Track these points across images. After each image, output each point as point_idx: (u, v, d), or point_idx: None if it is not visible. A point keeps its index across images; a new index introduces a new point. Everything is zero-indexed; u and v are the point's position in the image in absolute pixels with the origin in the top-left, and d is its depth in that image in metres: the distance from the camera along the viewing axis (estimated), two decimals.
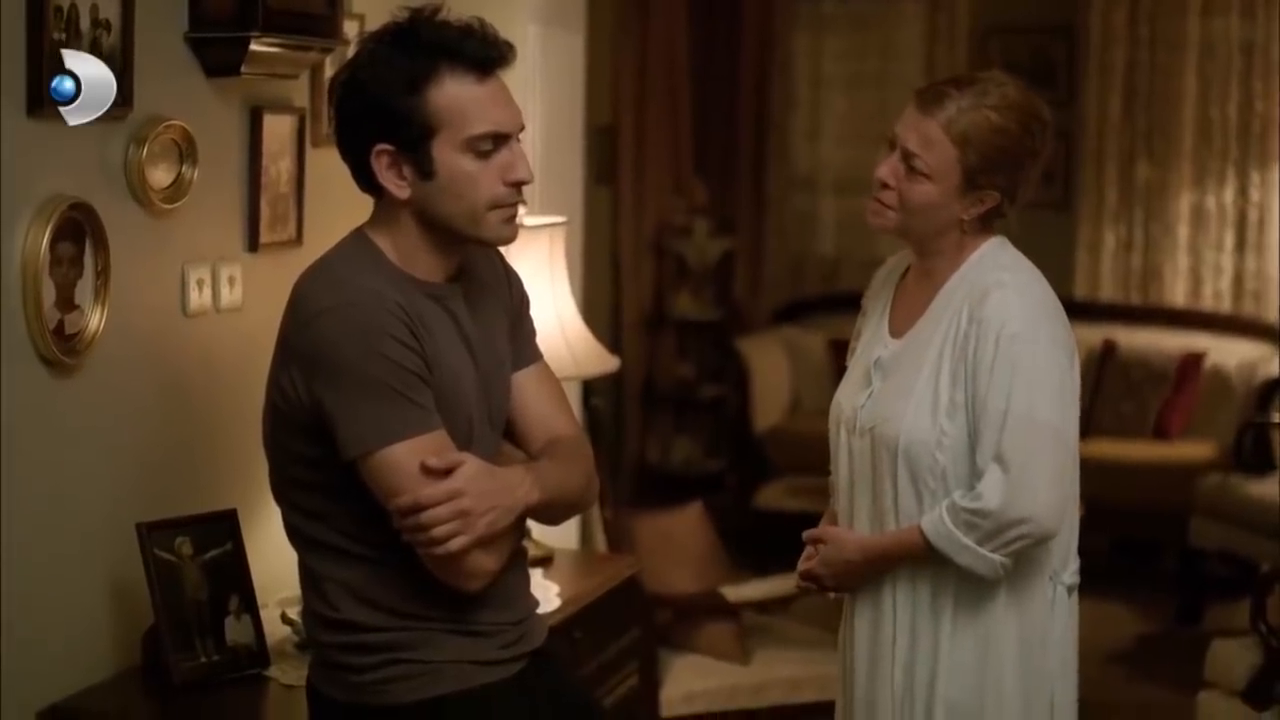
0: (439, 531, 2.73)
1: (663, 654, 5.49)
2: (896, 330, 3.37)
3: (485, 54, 2.83)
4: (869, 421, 3.29)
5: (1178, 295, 9.16)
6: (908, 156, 3.22)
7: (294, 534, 2.98)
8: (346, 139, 2.89)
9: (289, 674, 3.79)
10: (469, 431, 2.90)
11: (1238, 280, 9.00)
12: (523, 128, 2.91)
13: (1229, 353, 8.52)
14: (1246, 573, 7.26)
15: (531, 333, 3.14)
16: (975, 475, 3.14)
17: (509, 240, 2.92)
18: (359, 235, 2.94)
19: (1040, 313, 3.20)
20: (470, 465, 2.78)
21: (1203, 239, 9.10)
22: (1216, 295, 9.05)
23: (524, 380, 3.08)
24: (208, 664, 3.72)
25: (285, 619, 3.97)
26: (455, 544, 2.75)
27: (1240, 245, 8.99)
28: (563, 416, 3.10)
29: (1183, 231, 9.13)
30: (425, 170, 2.83)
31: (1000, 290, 3.17)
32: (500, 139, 2.84)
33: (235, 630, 3.78)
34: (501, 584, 2.91)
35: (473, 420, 2.92)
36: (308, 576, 2.98)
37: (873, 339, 3.42)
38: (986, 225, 3.31)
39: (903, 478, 3.22)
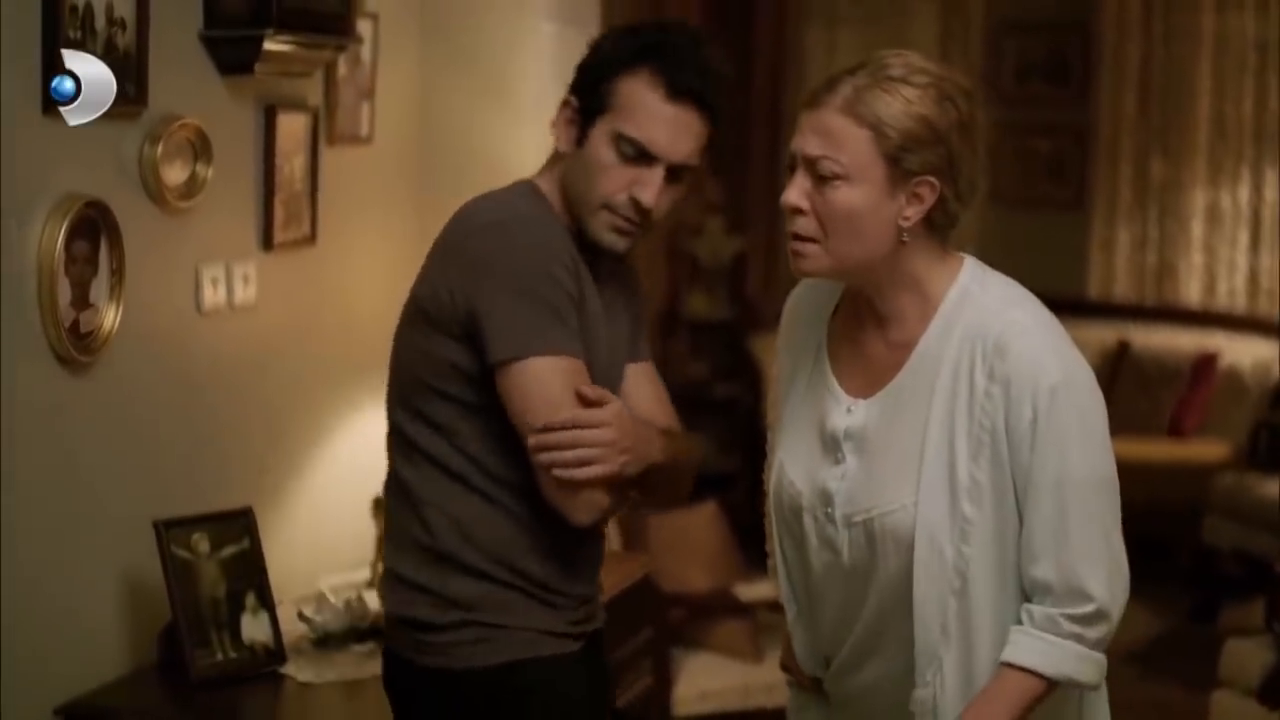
0: (577, 454, 2.75)
1: (676, 652, 5.49)
2: (856, 389, 2.73)
3: (687, 80, 2.84)
4: (857, 509, 2.67)
5: (1192, 294, 9.15)
6: (812, 164, 2.60)
7: (408, 448, 2.94)
8: (569, 86, 2.98)
9: (305, 671, 3.80)
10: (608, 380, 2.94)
11: (1252, 278, 8.98)
12: (683, 166, 2.87)
13: (1243, 351, 8.51)
14: (1261, 571, 7.23)
15: (645, 332, 3.17)
16: (1022, 563, 2.60)
17: (610, 247, 2.90)
18: (526, 182, 3.00)
19: (1064, 344, 2.63)
20: (619, 403, 2.83)
21: (1217, 237, 9.08)
22: (1231, 293, 9.03)
23: (636, 373, 3.10)
24: (224, 661, 3.73)
25: (302, 616, 3.98)
26: (589, 472, 2.75)
27: (1255, 243, 8.97)
28: (668, 415, 3.12)
29: (1197, 229, 9.12)
30: (581, 138, 2.89)
31: (1021, 338, 2.58)
32: (647, 156, 2.84)
33: (252, 627, 3.79)
34: (585, 554, 2.98)
35: (608, 367, 2.96)
36: (406, 500, 2.95)
37: (818, 398, 2.78)
38: (939, 240, 2.66)
39: (921, 580, 2.60)
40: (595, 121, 2.87)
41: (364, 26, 4.49)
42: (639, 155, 2.84)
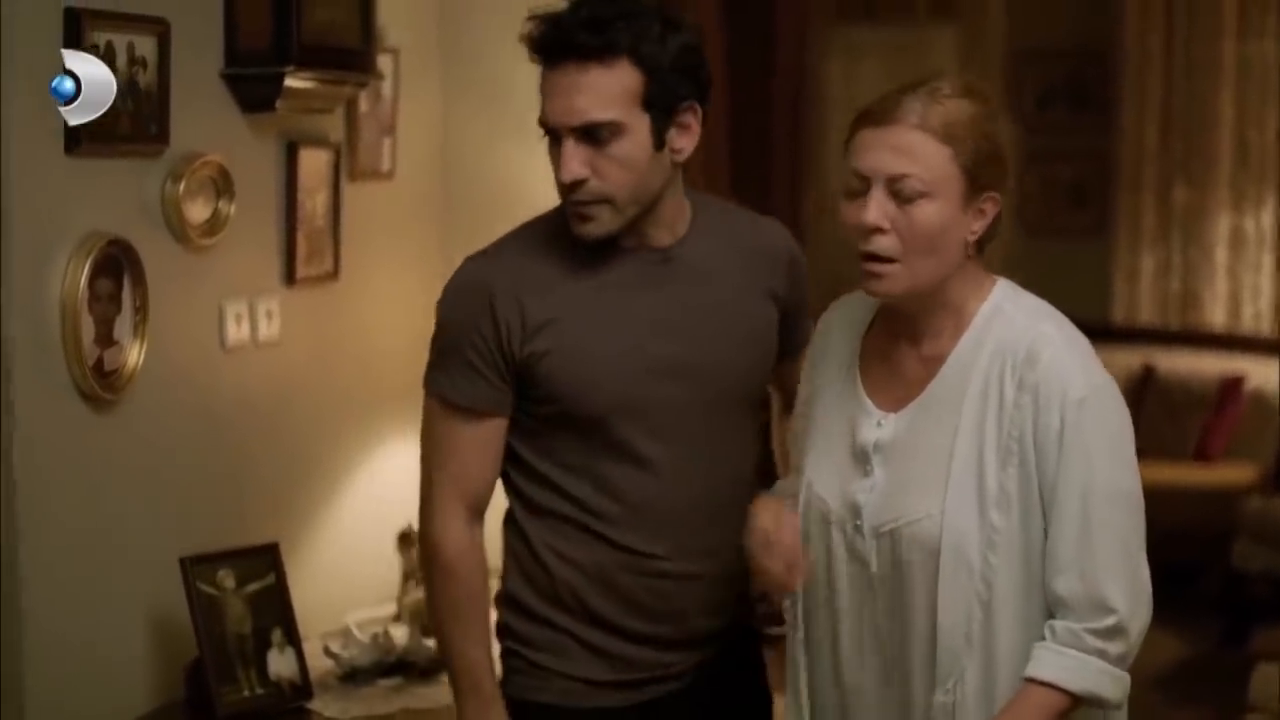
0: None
1: None
2: (886, 404, 2.73)
3: (547, 42, 2.78)
4: (885, 520, 2.66)
5: (1217, 318, 9.12)
6: (895, 181, 2.58)
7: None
8: None
9: (332, 707, 3.80)
10: (633, 395, 2.88)
11: (1277, 302, 8.95)
12: (592, 125, 2.75)
13: (1269, 374, 8.47)
14: None
15: (800, 327, 3.08)
16: (1046, 576, 2.60)
17: (585, 238, 2.84)
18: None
19: (1093, 360, 2.66)
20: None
21: (1241, 262, 9.06)
22: (1256, 317, 9.00)
23: (786, 368, 3.08)
24: (251, 697, 3.73)
25: (328, 652, 3.98)
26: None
27: (1279, 268, 8.95)
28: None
29: (1221, 254, 9.09)
30: None
31: (1051, 348, 2.61)
32: (553, 132, 2.80)
33: (278, 663, 3.79)
34: (660, 595, 2.94)
35: (638, 383, 2.87)
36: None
37: (849, 412, 2.78)
38: (980, 258, 2.71)
39: (946, 589, 2.61)
40: None
41: (384, 62, 4.50)
42: (552, 136, 2.80)
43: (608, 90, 2.74)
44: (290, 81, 3.93)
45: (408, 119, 4.73)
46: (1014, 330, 2.64)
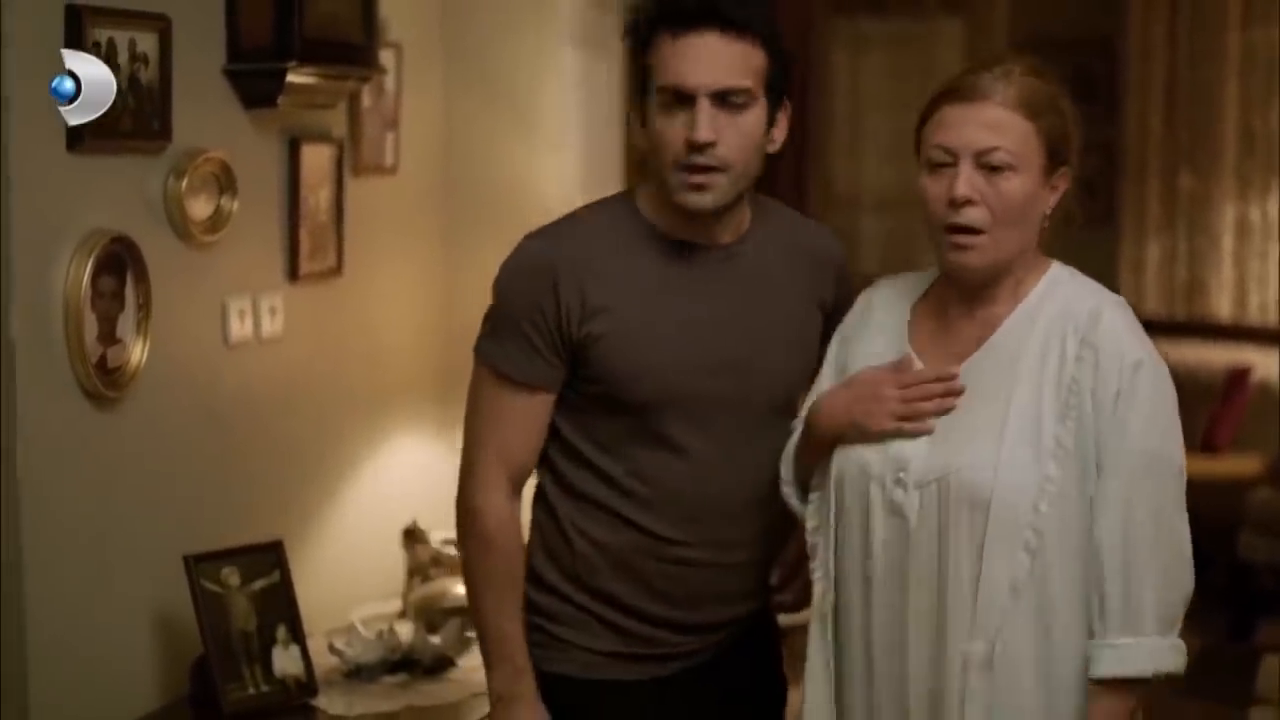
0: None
1: None
2: (937, 362, 2.81)
3: (687, 11, 2.83)
4: (932, 470, 2.72)
5: (1223, 308, 9.10)
6: (983, 155, 2.71)
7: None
8: None
9: (337, 704, 3.79)
10: (683, 387, 2.93)
11: None
12: (731, 90, 2.83)
13: (1276, 366, 8.46)
14: None
15: None
16: (1087, 531, 2.68)
17: (696, 207, 2.87)
18: (633, 188, 3.08)
19: (1147, 338, 2.77)
20: None
21: (1247, 251, 9.03)
22: (1262, 307, 8.98)
23: None
24: (257, 694, 3.72)
25: (333, 649, 3.97)
26: None
27: None
28: None
29: (1227, 244, 9.07)
30: (644, 118, 2.91)
31: (1111, 310, 2.73)
32: (683, 96, 2.83)
33: (283, 660, 3.78)
34: (681, 581, 3.00)
35: (689, 375, 2.93)
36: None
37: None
38: (1041, 235, 2.83)
39: (994, 541, 2.66)
40: (647, 102, 2.89)
41: (387, 57, 4.49)
42: (679, 99, 2.83)
43: (746, 61, 2.83)
44: (292, 77, 3.92)
45: (411, 114, 4.72)
46: (1077, 296, 2.77)
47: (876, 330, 2.91)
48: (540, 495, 3.03)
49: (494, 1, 4.90)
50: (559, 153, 4.98)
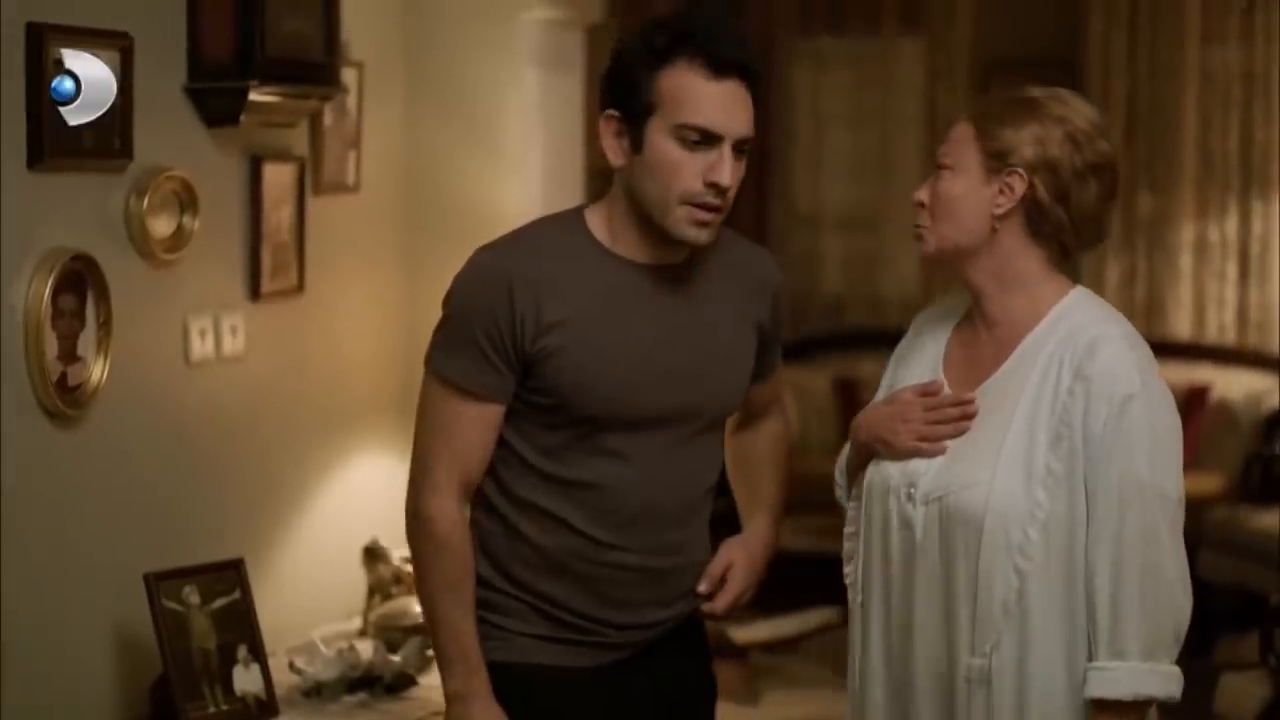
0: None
1: None
2: (960, 385, 2.93)
3: (729, 55, 2.89)
4: (936, 487, 2.84)
5: (1182, 327, 9.13)
6: (938, 167, 2.92)
7: None
8: (599, 101, 3.01)
9: None
10: (632, 403, 2.99)
11: (1241, 312, 8.96)
12: (744, 138, 2.93)
13: (1234, 384, 8.49)
14: (1255, 605, 7.21)
15: (774, 352, 3.25)
16: (1076, 557, 2.76)
17: (695, 241, 2.95)
18: (573, 209, 3.10)
19: (1151, 367, 2.83)
20: (742, 563, 3.28)
21: (1206, 270, 9.06)
22: (1221, 327, 9.02)
23: (756, 390, 3.22)
24: (216, 713, 3.72)
25: (293, 667, 3.97)
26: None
27: (1244, 276, 8.95)
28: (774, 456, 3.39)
29: (1186, 262, 9.10)
30: (637, 144, 2.92)
31: (1109, 344, 2.79)
32: (711, 138, 2.88)
33: (244, 679, 3.78)
34: (617, 586, 3.05)
35: (638, 392, 2.99)
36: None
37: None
38: (1046, 250, 2.88)
39: (987, 561, 2.77)
40: (646, 124, 2.91)
41: (349, 76, 4.49)
42: (704, 140, 2.88)
43: (752, 113, 2.95)
44: (254, 95, 3.92)
45: (372, 132, 4.73)
46: (1081, 324, 2.83)
47: (920, 352, 3.04)
48: (480, 497, 3.07)
49: (455, 21, 4.91)
50: (520, 172, 4.99)
